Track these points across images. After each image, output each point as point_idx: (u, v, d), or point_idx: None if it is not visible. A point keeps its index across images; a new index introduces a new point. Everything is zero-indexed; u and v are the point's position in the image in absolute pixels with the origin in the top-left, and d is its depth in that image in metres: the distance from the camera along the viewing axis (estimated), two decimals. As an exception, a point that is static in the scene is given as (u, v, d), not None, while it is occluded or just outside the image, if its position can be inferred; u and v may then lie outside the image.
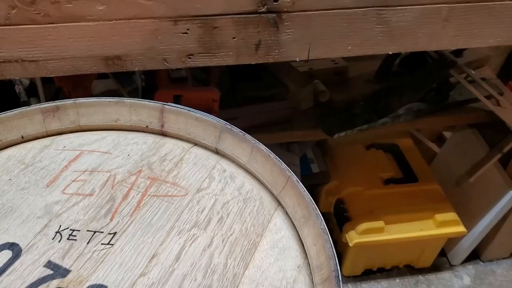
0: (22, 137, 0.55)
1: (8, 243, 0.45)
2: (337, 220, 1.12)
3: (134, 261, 0.44)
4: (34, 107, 0.55)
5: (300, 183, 0.49)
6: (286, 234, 0.48)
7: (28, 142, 0.55)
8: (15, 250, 0.45)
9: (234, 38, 0.63)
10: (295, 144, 1.07)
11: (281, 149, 1.05)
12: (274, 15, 0.62)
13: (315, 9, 0.63)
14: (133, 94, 0.89)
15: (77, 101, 0.56)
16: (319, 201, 1.15)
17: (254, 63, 0.66)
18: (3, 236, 0.46)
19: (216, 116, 0.88)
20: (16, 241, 0.45)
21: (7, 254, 0.44)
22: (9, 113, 0.54)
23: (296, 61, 0.67)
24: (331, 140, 1.06)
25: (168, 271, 0.44)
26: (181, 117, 0.56)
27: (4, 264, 0.43)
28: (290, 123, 1.00)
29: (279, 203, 0.51)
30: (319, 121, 0.99)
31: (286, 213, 0.50)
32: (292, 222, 0.49)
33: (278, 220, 0.49)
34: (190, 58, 0.63)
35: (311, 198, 0.47)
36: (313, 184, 1.14)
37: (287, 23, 0.63)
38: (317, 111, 1.00)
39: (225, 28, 0.62)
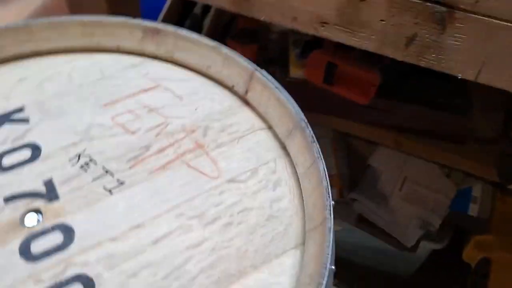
0: (118, 47, 0.53)
1: (35, 144, 0.45)
2: (475, 279, 0.90)
3: (116, 221, 0.40)
4: (137, 21, 0.52)
5: (332, 233, 0.36)
6: (283, 280, 0.37)
7: (120, 55, 0.53)
8: (35, 153, 0.44)
9: (382, 20, 0.49)
10: (460, 172, 0.86)
11: (439, 171, 0.85)
12: (444, 9, 0.46)
13: (507, 19, 0.44)
14: (297, 43, 0.81)
15: (177, 31, 0.51)
16: (465, 247, 0.93)
17: (399, 59, 0.51)
18: (38, 136, 0.45)
19: (367, 103, 0.75)
20: (41, 146, 0.45)
21: (25, 154, 0.44)
22: (112, 19, 0.52)
23: (457, 77, 0.50)
24: (513, 186, 0.83)
25: (137, 250, 0.38)
26: (266, 91, 0.47)
27: (18, 163, 0.43)
28: (462, 144, 0.80)
29: (303, 242, 0.39)
30: (497, 158, 0.76)
31: (303, 258, 0.38)
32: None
33: (288, 261, 0.38)
34: (323, 26, 0.52)
35: (333, 250, 0.35)
36: (463, 228, 0.91)
37: (459, 25, 0.46)
38: (501, 146, 0.78)
39: (374, 5, 0.48)
